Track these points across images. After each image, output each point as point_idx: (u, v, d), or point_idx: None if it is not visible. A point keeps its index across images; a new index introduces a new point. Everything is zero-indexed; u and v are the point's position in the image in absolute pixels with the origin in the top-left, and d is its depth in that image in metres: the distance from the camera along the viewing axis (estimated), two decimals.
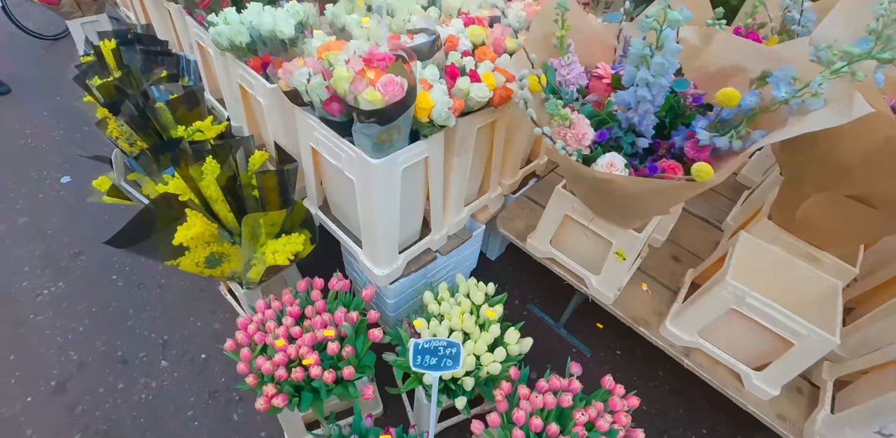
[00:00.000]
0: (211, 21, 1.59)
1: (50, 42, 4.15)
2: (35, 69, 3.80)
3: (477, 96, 1.36)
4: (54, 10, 3.38)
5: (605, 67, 1.28)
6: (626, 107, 1.14)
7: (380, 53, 1.18)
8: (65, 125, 3.19)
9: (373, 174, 1.24)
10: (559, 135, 1.12)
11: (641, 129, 1.16)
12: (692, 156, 1.11)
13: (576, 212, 1.57)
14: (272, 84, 1.50)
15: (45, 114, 3.30)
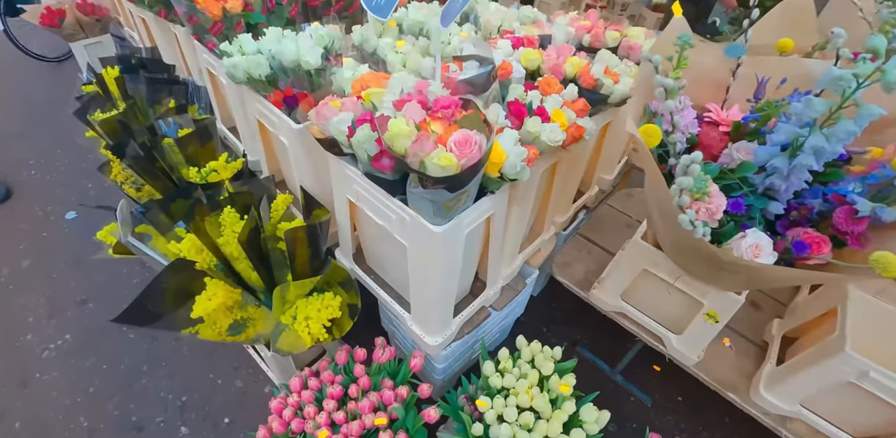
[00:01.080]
0: (224, 50, 1.34)
1: (54, 64, 3.93)
2: (40, 93, 3.59)
3: (550, 140, 1.10)
4: (57, 32, 3.16)
5: (718, 111, 1.01)
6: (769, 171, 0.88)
7: (443, 99, 0.92)
8: (70, 153, 2.96)
9: (434, 242, 0.98)
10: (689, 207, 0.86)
11: (779, 196, 0.90)
12: (845, 229, 0.85)
13: (658, 267, 1.31)
14: (298, 124, 1.24)
15: (48, 142, 3.07)
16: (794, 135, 0.88)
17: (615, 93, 1.36)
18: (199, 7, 1.40)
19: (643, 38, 1.62)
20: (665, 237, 1.14)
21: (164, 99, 1.99)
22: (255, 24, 1.51)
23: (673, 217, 0.97)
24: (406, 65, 1.38)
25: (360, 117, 1.01)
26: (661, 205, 1.01)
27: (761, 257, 0.90)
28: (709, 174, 0.98)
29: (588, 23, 1.67)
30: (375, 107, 1.02)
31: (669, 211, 0.96)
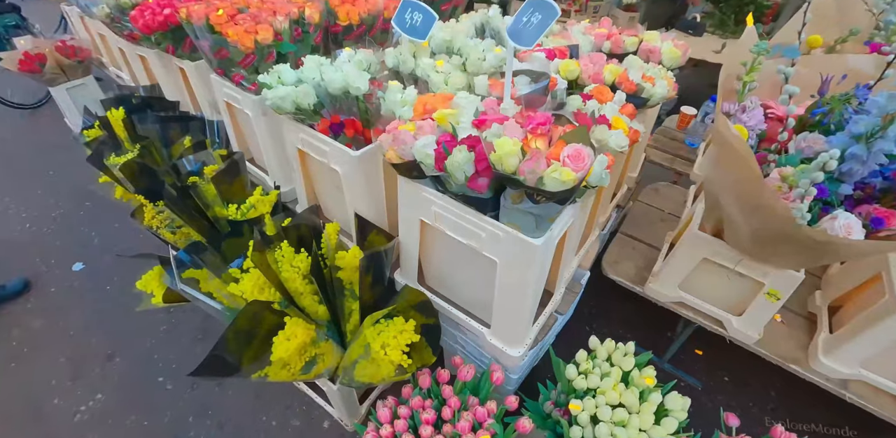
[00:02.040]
0: (264, 82, 1.29)
1: (31, 111, 3.73)
2: (20, 142, 3.39)
3: (617, 145, 1.10)
4: (37, 78, 3.01)
5: (779, 106, 1.03)
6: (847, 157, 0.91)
7: (538, 116, 0.91)
8: (64, 202, 2.80)
9: (532, 254, 0.96)
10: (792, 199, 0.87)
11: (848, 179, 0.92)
12: None
13: (719, 255, 1.33)
14: (355, 150, 1.20)
15: (39, 192, 2.89)
16: (872, 126, 0.90)
17: (655, 95, 1.38)
18: (231, 41, 1.35)
19: (659, 41, 1.66)
20: (744, 227, 1.15)
21: (178, 136, 1.91)
22: (285, 54, 1.46)
23: (765, 208, 0.98)
24: (448, 83, 1.36)
25: (442, 139, 0.98)
26: (748, 200, 1.02)
27: (853, 234, 0.93)
28: (790, 164, 1.00)
29: (605, 30, 1.70)
30: (455, 129, 1.00)
31: (761, 203, 0.97)
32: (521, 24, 0.99)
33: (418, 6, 1.35)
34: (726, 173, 1.10)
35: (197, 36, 1.49)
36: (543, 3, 0.96)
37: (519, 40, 0.98)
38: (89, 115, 2.29)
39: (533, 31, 0.95)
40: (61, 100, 3.18)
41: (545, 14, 0.94)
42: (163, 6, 1.81)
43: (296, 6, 1.49)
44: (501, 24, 1.74)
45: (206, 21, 1.41)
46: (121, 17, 2.04)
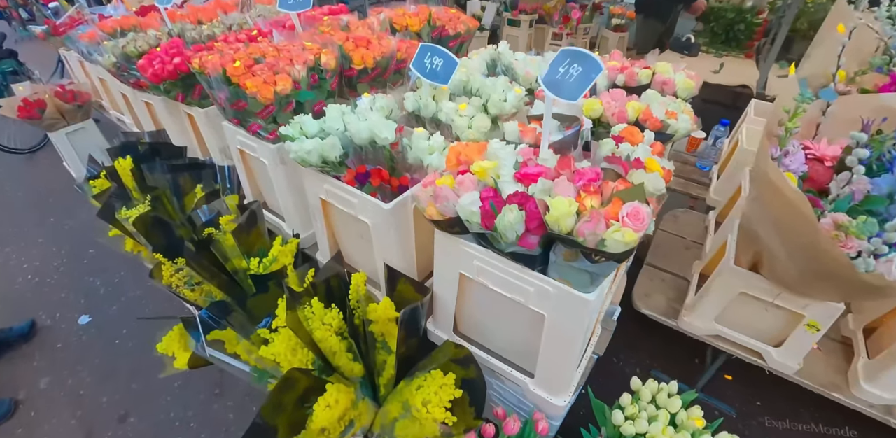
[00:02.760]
0: (286, 135, 1.25)
1: (27, 155, 3.66)
2: (19, 189, 3.30)
3: (655, 189, 1.06)
4: (36, 124, 2.94)
5: (818, 148, 1.01)
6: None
7: (587, 171, 0.88)
8: (67, 251, 2.71)
9: (583, 309, 0.92)
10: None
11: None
12: None
13: (756, 289, 1.30)
14: (384, 201, 1.15)
15: (40, 240, 2.80)
16: None
17: (680, 131, 1.36)
18: (250, 93, 1.31)
19: (671, 72, 1.66)
20: (790, 267, 1.11)
21: (189, 185, 1.85)
22: (302, 104, 1.43)
23: (819, 254, 0.94)
24: (472, 127, 1.33)
25: (485, 194, 0.94)
26: (799, 244, 0.99)
27: None
28: (840, 210, 0.97)
29: (617, 63, 1.69)
30: (497, 184, 0.96)
31: (816, 249, 0.94)
32: (559, 76, 0.96)
33: (438, 51, 1.34)
34: (771, 215, 1.07)
35: (212, 87, 1.46)
36: (582, 55, 0.93)
37: (559, 92, 0.95)
38: (94, 164, 2.23)
39: (575, 84, 0.92)
40: (60, 144, 3.11)
41: (586, 67, 0.91)
42: (172, 55, 1.77)
43: (311, 53, 1.46)
44: (514, 60, 1.73)
45: (222, 72, 1.37)
46: (127, 65, 2.00)
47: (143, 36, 2.08)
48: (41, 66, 4.23)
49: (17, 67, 3.61)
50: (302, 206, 1.61)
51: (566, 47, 0.99)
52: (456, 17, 2.02)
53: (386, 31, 1.85)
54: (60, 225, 2.89)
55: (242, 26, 2.26)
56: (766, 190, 0.99)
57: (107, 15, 3.01)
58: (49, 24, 3.28)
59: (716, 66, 2.88)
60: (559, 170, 0.99)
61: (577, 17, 4.26)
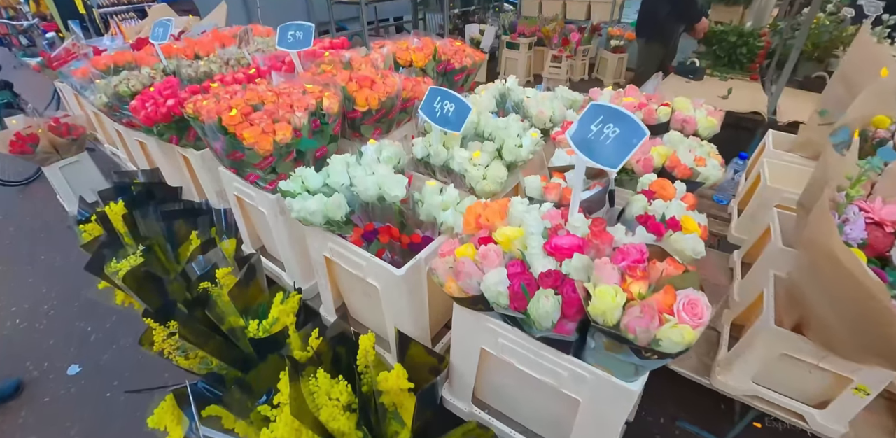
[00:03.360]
0: (287, 191, 1.13)
1: (21, 187, 3.54)
2: (10, 223, 3.18)
3: (694, 252, 0.96)
4: (29, 158, 2.83)
5: (876, 209, 0.90)
6: None
7: (630, 249, 0.76)
8: (57, 292, 2.56)
9: (624, 396, 0.79)
10: None
11: None
12: None
13: (800, 351, 1.17)
14: (398, 268, 1.03)
15: (30, 280, 2.66)
16: None
17: (710, 178, 1.26)
18: (248, 144, 1.20)
19: (692, 109, 1.56)
20: (847, 338, 0.99)
21: (184, 231, 1.73)
22: (303, 153, 1.32)
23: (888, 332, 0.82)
24: (487, 177, 1.22)
25: (512, 269, 0.82)
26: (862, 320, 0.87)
27: None
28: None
29: (633, 99, 1.59)
30: (526, 257, 0.84)
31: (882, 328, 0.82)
32: (591, 135, 0.85)
33: (449, 95, 1.23)
34: (834, 293, 0.95)
35: (206, 134, 1.35)
36: (617, 115, 0.82)
37: (594, 155, 0.83)
38: (85, 206, 2.12)
39: (613, 148, 0.81)
40: (54, 178, 2.99)
41: (625, 129, 0.80)
42: (166, 96, 1.67)
43: (313, 97, 1.36)
44: (524, 97, 1.64)
45: (217, 121, 1.26)
46: (119, 105, 1.89)
47: (136, 75, 1.98)
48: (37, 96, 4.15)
49: (11, 99, 3.51)
50: (304, 257, 1.49)
51: (596, 102, 0.89)
52: (461, 50, 1.93)
53: (390, 68, 1.76)
54: (52, 262, 2.75)
55: (240, 61, 2.16)
56: (829, 267, 0.87)
57: (102, 47, 2.93)
58: (44, 57, 3.19)
59: (722, 89, 2.79)
60: (593, 238, 0.87)
61: (577, 40, 4.21)
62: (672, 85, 2.94)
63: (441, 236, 1.13)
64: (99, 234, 1.87)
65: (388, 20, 5.98)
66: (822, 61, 2.92)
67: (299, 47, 1.60)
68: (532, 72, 4.69)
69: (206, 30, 2.91)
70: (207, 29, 2.95)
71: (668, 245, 0.98)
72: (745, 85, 2.97)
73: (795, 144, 1.86)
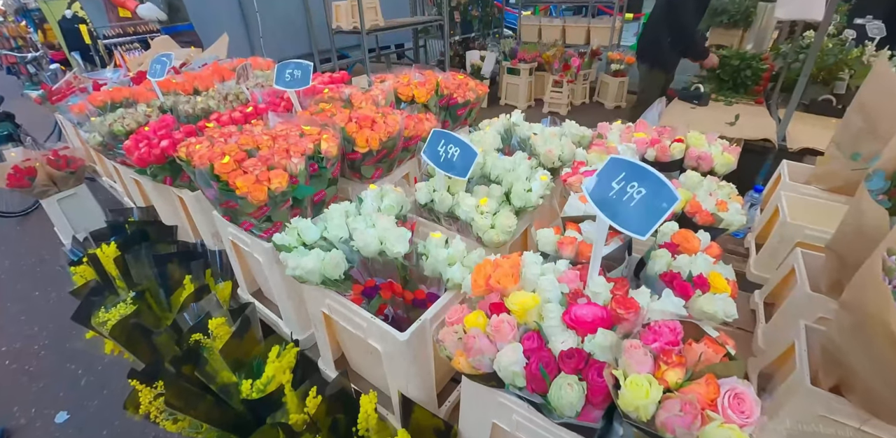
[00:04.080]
0: (281, 245, 1.06)
1: (18, 219, 3.47)
2: (6, 256, 3.10)
3: (726, 315, 0.87)
4: (26, 192, 2.76)
5: None
6: None
7: (662, 328, 0.66)
8: (50, 331, 2.46)
9: None
10: None
11: None
12: None
13: (840, 413, 1.06)
14: (401, 332, 0.94)
15: (22, 318, 2.57)
16: None
17: (733, 224, 1.17)
18: (241, 193, 1.12)
19: (706, 145, 1.48)
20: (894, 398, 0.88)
21: (178, 275, 1.65)
22: (301, 200, 1.24)
23: None
24: (496, 226, 1.13)
25: (528, 345, 0.73)
26: None
27: None
28: None
29: (645, 135, 1.52)
30: (541, 328, 0.75)
31: None
32: (613, 194, 0.77)
33: (453, 139, 1.16)
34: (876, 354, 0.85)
35: (197, 178, 1.27)
36: (643, 173, 0.74)
37: (618, 218, 0.75)
38: (78, 245, 2.04)
39: (640, 212, 0.72)
40: (51, 211, 2.93)
41: (652, 191, 0.72)
42: (161, 137, 1.61)
43: (310, 140, 1.29)
44: (531, 133, 1.57)
45: (209, 168, 1.19)
46: (114, 144, 1.84)
47: (131, 113, 1.92)
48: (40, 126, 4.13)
49: (12, 131, 3.48)
50: (301, 306, 1.40)
51: (616, 156, 0.81)
52: (464, 84, 1.87)
53: (391, 104, 1.70)
54: (46, 299, 2.66)
55: (239, 97, 2.11)
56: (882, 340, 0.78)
57: (103, 81, 2.90)
58: (45, 89, 3.17)
59: (728, 114, 2.74)
60: (617, 307, 0.78)
61: (577, 65, 4.19)
62: (677, 111, 2.88)
63: (447, 292, 1.04)
64: (91, 278, 1.78)
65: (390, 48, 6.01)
66: (828, 84, 2.87)
67: (297, 86, 1.55)
68: (533, 96, 4.67)
69: (208, 62, 2.89)
70: (209, 61, 2.93)
71: (696, 307, 0.89)
72: (751, 109, 2.91)
73: (813, 176, 1.77)
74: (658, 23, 2.95)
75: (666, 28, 2.89)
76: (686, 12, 2.83)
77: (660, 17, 2.94)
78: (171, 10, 3.63)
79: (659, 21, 2.94)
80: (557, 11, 6.71)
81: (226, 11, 4.62)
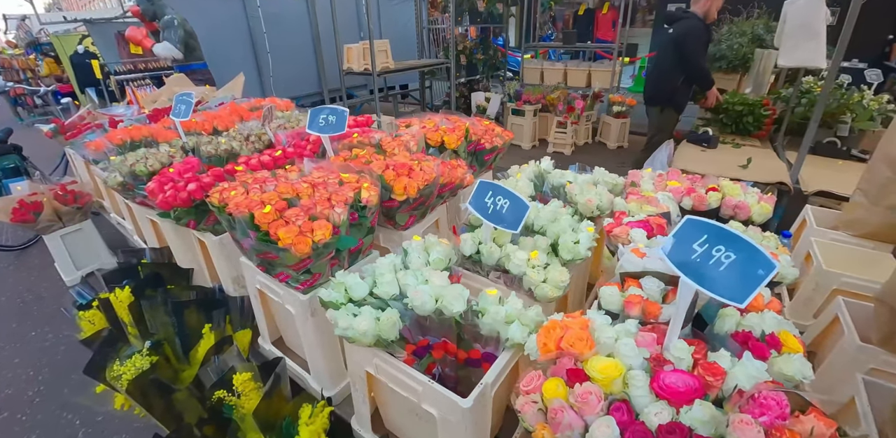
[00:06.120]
0: (329, 301, 1.00)
1: (17, 253, 3.35)
2: (2, 290, 2.95)
3: (803, 376, 0.83)
4: (29, 227, 2.68)
5: None
6: None
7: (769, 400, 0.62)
8: (45, 376, 2.30)
9: None
10: None
11: None
12: None
13: None
14: (464, 399, 0.87)
15: (17, 361, 2.40)
16: None
17: (787, 277, 1.14)
18: (283, 245, 1.07)
19: (742, 194, 1.48)
20: None
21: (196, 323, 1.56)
22: (341, 252, 1.19)
23: None
24: (547, 280, 1.09)
25: (619, 416, 0.68)
26: None
27: None
28: None
29: (679, 184, 1.52)
30: (630, 399, 0.69)
31: None
32: (696, 257, 0.74)
33: (502, 191, 1.13)
34: None
35: (233, 228, 1.23)
36: (729, 238, 0.71)
37: (706, 282, 0.72)
38: (86, 288, 1.95)
39: (732, 278, 0.69)
40: (53, 246, 2.83)
41: (744, 256, 0.69)
42: (187, 180, 1.57)
43: (350, 188, 1.25)
44: (565, 181, 1.56)
45: (248, 217, 1.14)
46: (135, 184, 1.79)
47: (153, 153, 1.90)
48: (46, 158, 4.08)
49: (18, 163, 3.41)
50: (333, 360, 1.32)
51: (693, 217, 0.78)
52: (491, 130, 1.88)
53: (422, 151, 1.69)
54: (42, 341, 2.51)
55: (261, 137, 2.10)
56: None
57: (119, 117, 2.89)
58: (57, 124, 3.15)
59: (736, 157, 2.78)
60: (704, 373, 0.73)
61: (581, 107, 4.30)
62: (688, 153, 2.93)
63: (505, 352, 0.98)
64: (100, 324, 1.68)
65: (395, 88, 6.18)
66: (831, 127, 2.95)
67: (331, 132, 1.54)
68: (538, 136, 4.76)
69: (224, 102, 2.91)
70: (225, 101, 2.95)
71: (774, 369, 0.84)
72: (759, 152, 2.97)
73: (841, 222, 1.78)
74: (668, 65, 3.04)
75: (679, 69, 2.99)
76: (698, 53, 2.95)
77: (669, 60, 3.03)
78: (186, 50, 3.69)
79: (669, 63, 3.03)
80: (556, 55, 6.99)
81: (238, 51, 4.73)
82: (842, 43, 1.98)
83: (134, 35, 3.57)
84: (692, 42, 2.90)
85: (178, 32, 3.58)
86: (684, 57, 2.94)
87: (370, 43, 3.79)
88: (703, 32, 2.98)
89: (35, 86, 7.00)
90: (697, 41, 2.95)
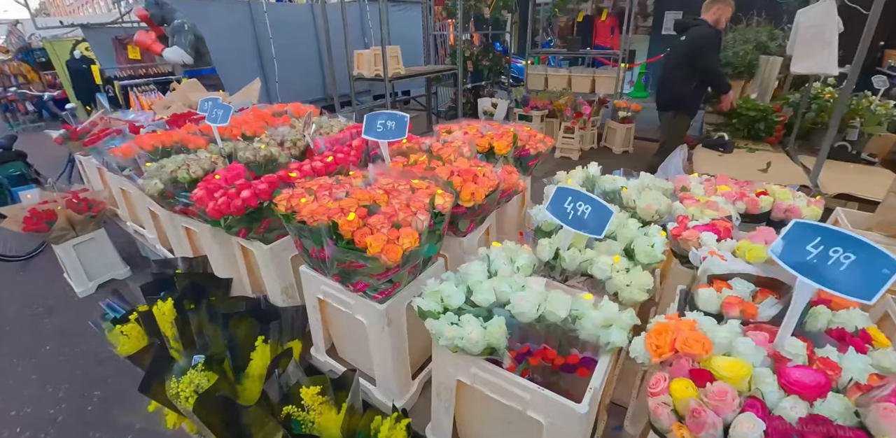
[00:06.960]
0: (428, 311, 1.00)
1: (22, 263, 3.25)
2: (9, 305, 2.86)
3: None
4: (42, 236, 2.61)
5: None
6: None
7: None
8: (66, 392, 2.24)
9: None
10: None
11: None
12: None
13: None
14: (580, 404, 0.89)
15: (34, 377, 2.33)
16: None
17: None
18: (372, 253, 1.07)
19: (792, 198, 1.53)
20: None
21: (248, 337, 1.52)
22: (429, 258, 1.20)
23: None
24: (631, 284, 1.12)
25: (756, 412, 0.70)
26: None
27: None
28: None
29: (729, 188, 1.56)
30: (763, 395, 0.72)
31: None
32: (812, 258, 0.78)
33: (583, 196, 1.16)
34: None
35: (304, 236, 1.22)
36: (850, 241, 0.75)
37: (827, 281, 0.76)
38: (120, 301, 1.89)
39: (855, 277, 0.74)
40: (64, 256, 2.75)
41: (864, 256, 0.73)
42: (239, 187, 1.55)
43: (426, 195, 1.26)
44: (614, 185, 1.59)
45: (331, 225, 1.14)
46: (175, 192, 1.76)
47: (194, 159, 1.87)
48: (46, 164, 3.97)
49: (24, 171, 3.32)
50: (404, 371, 1.32)
51: (801, 220, 0.82)
52: (534, 136, 1.92)
53: (475, 157, 1.71)
54: (57, 354, 2.44)
55: (296, 143, 2.10)
56: None
57: (138, 124, 2.84)
58: (68, 129, 3.08)
59: (753, 161, 2.88)
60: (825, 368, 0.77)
61: (588, 112, 4.39)
62: (705, 158, 3.01)
63: (604, 357, 1.00)
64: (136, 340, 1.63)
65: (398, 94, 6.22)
66: (841, 131, 3.08)
67: (391, 138, 1.54)
68: None
69: (245, 107, 2.88)
70: (245, 106, 2.93)
71: (877, 363, 0.88)
72: (773, 156, 3.07)
73: (875, 224, 1.85)
74: (681, 71, 3.13)
75: (692, 75, 3.07)
76: (711, 57, 3.04)
77: (681, 65, 3.11)
78: (196, 55, 3.65)
79: (682, 70, 3.11)
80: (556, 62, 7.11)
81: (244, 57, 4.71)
82: (860, 52, 2.08)
83: (143, 39, 3.52)
84: (708, 49, 3.00)
85: (189, 37, 3.54)
86: (701, 63, 3.02)
87: (382, 49, 3.81)
88: (716, 39, 3.09)
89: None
90: (712, 48, 3.05)
